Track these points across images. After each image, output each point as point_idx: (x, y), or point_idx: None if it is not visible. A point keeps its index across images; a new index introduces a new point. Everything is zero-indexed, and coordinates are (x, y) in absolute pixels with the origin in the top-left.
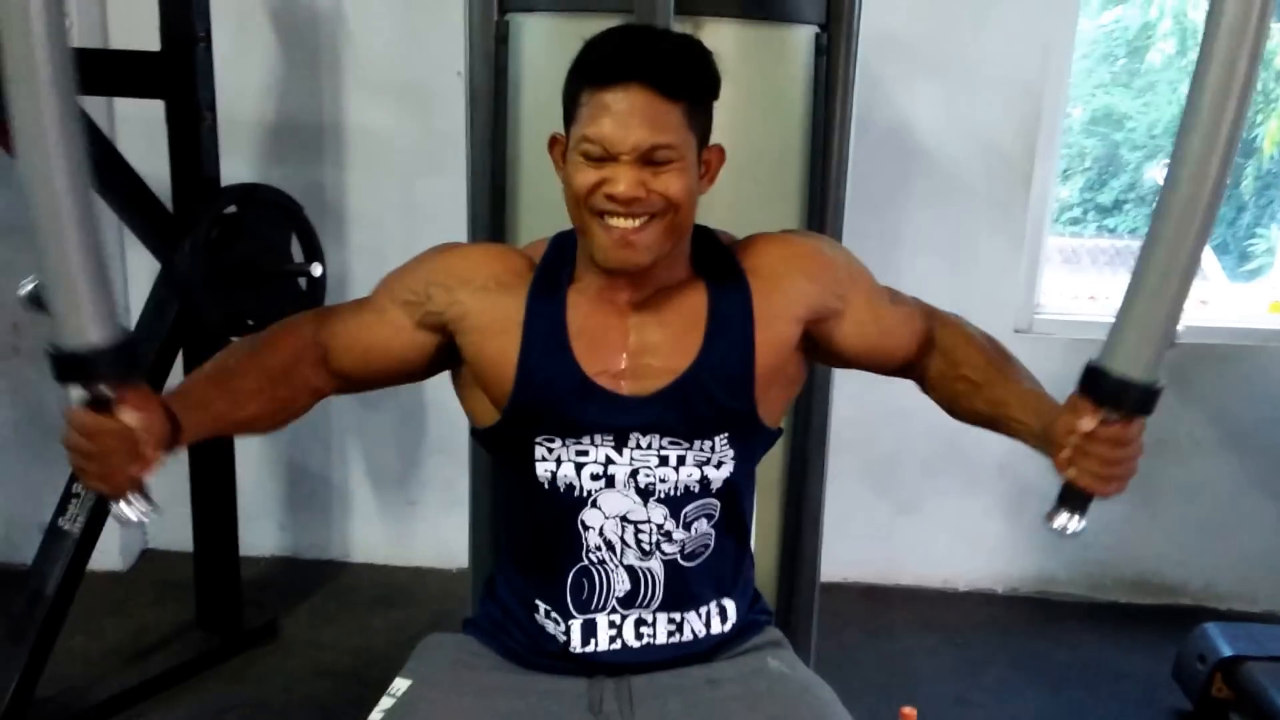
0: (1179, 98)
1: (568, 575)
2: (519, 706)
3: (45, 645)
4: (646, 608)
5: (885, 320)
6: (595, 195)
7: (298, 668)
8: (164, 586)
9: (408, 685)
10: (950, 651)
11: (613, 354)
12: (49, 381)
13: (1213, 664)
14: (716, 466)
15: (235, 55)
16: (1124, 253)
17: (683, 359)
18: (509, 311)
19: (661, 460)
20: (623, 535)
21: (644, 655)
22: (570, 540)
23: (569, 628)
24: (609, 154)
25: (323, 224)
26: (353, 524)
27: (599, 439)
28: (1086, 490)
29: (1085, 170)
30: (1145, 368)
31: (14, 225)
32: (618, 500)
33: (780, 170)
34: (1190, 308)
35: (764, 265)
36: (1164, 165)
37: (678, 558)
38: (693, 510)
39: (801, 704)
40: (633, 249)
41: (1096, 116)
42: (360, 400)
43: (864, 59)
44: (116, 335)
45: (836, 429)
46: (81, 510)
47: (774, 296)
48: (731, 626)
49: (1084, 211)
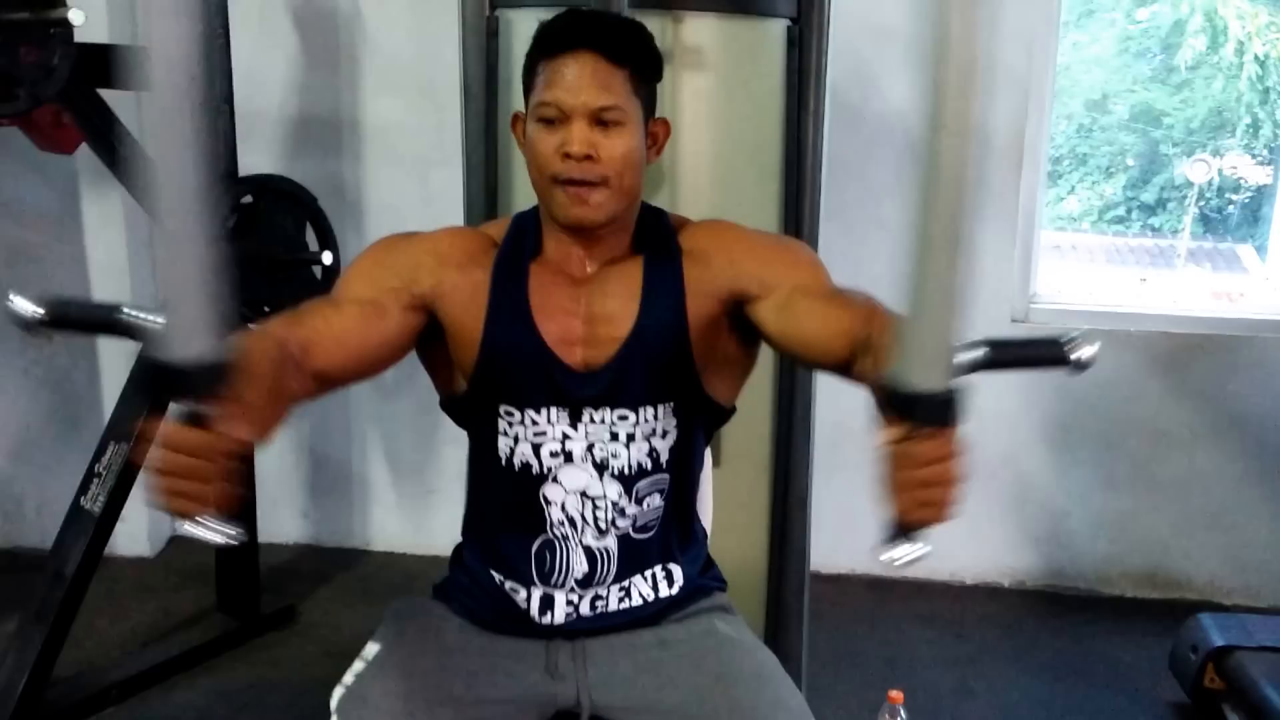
0: (1213, 94)
1: (532, 546)
2: (481, 666)
3: (64, 623)
4: (601, 584)
5: (807, 314)
6: (554, 161)
7: (314, 651)
8: (188, 572)
9: (378, 649)
10: (952, 643)
11: (569, 322)
12: (80, 368)
13: (1205, 654)
14: (662, 436)
15: (257, 53)
16: (1168, 252)
17: (624, 326)
18: (478, 284)
19: (613, 436)
20: (582, 511)
21: (597, 622)
22: (534, 514)
23: (529, 594)
24: (563, 113)
25: (340, 215)
26: (373, 512)
27: (555, 415)
28: (909, 520)
29: (1127, 169)
30: (934, 376)
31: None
32: (577, 475)
33: (758, 161)
34: (1224, 298)
35: (696, 246)
36: (1195, 161)
37: (630, 531)
38: (645, 486)
39: (745, 665)
40: (587, 206)
41: (1136, 113)
42: (380, 391)
43: (856, 51)
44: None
45: (842, 419)
46: (103, 490)
47: (702, 273)
48: (679, 589)
49: (1128, 210)
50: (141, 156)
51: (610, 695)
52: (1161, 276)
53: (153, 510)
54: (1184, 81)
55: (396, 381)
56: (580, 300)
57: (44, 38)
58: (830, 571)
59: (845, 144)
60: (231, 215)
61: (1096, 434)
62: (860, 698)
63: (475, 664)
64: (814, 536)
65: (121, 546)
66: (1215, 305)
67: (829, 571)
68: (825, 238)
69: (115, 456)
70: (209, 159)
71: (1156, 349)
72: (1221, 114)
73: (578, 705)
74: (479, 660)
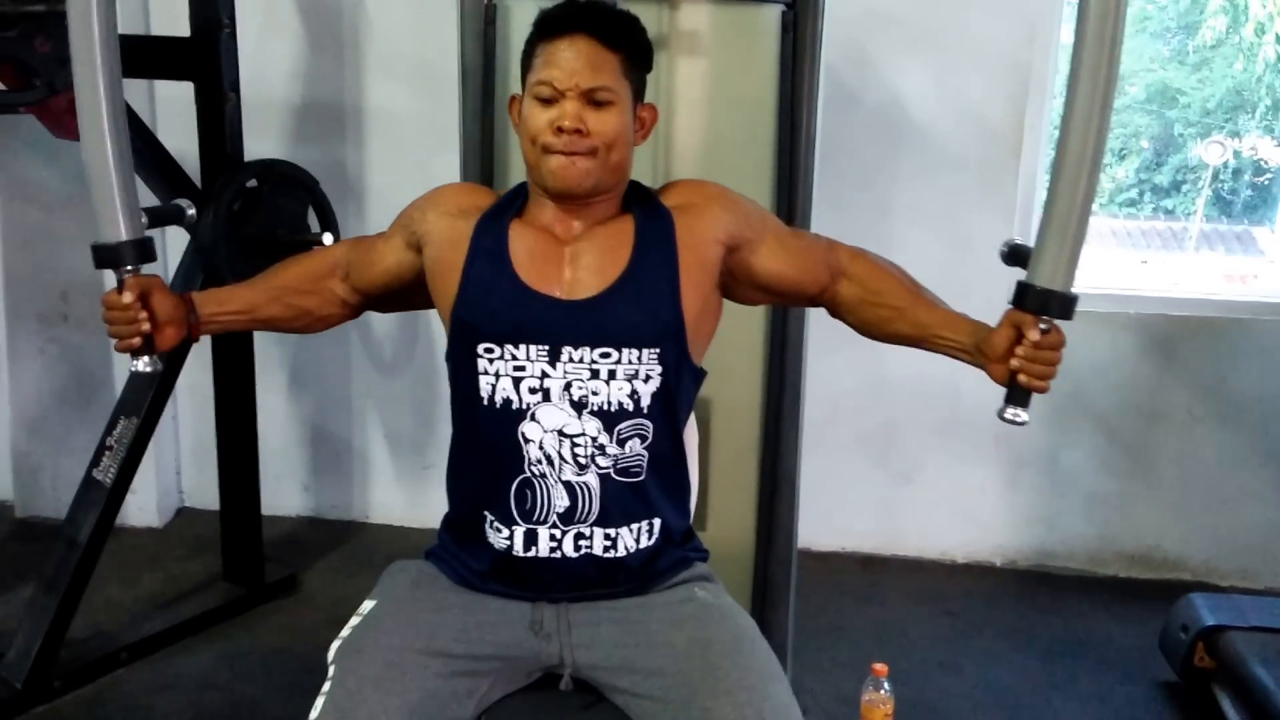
0: (1233, 74)
1: (511, 486)
2: (469, 622)
3: (77, 589)
4: (584, 522)
5: (796, 248)
6: (546, 132)
7: (314, 617)
8: (196, 542)
9: (373, 605)
10: (941, 620)
11: (550, 270)
12: (94, 346)
13: (1195, 633)
14: (645, 380)
15: (262, 41)
16: (1180, 235)
17: (613, 271)
18: (462, 232)
19: (593, 374)
20: (560, 450)
21: (582, 566)
22: (512, 453)
23: (512, 534)
24: (557, 92)
25: (343, 199)
26: (372, 487)
27: (534, 352)
28: (1032, 389)
29: (1140, 151)
30: (1064, 280)
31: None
32: (554, 414)
33: (751, 145)
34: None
35: (684, 201)
36: (1210, 142)
37: (611, 472)
38: (626, 428)
39: (722, 628)
40: (574, 170)
41: (1151, 94)
42: (379, 368)
43: (853, 36)
44: (135, 235)
45: (835, 399)
46: (114, 463)
47: (695, 223)
48: (659, 540)
49: (1140, 193)
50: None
51: (592, 656)
52: (1170, 259)
53: (161, 484)
54: (1203, 61)
55: (395, 361)
56: (564, 253)
57: (58, 29)
58: (821, 549)
59: (839, 126)
60: (237, 199)
61: (1093, 416)
62: (847, 670)
63: (464, 621)
64: (806, 515)
65: (132, 518)
66: (1217, 288)
67: (820, 549)
68: (818, 220)
69: (126, 431)
70: (121, 101)
71: (1155, 331)
72: (1241, 94)
73: (561, 664)
74: (468, 618)
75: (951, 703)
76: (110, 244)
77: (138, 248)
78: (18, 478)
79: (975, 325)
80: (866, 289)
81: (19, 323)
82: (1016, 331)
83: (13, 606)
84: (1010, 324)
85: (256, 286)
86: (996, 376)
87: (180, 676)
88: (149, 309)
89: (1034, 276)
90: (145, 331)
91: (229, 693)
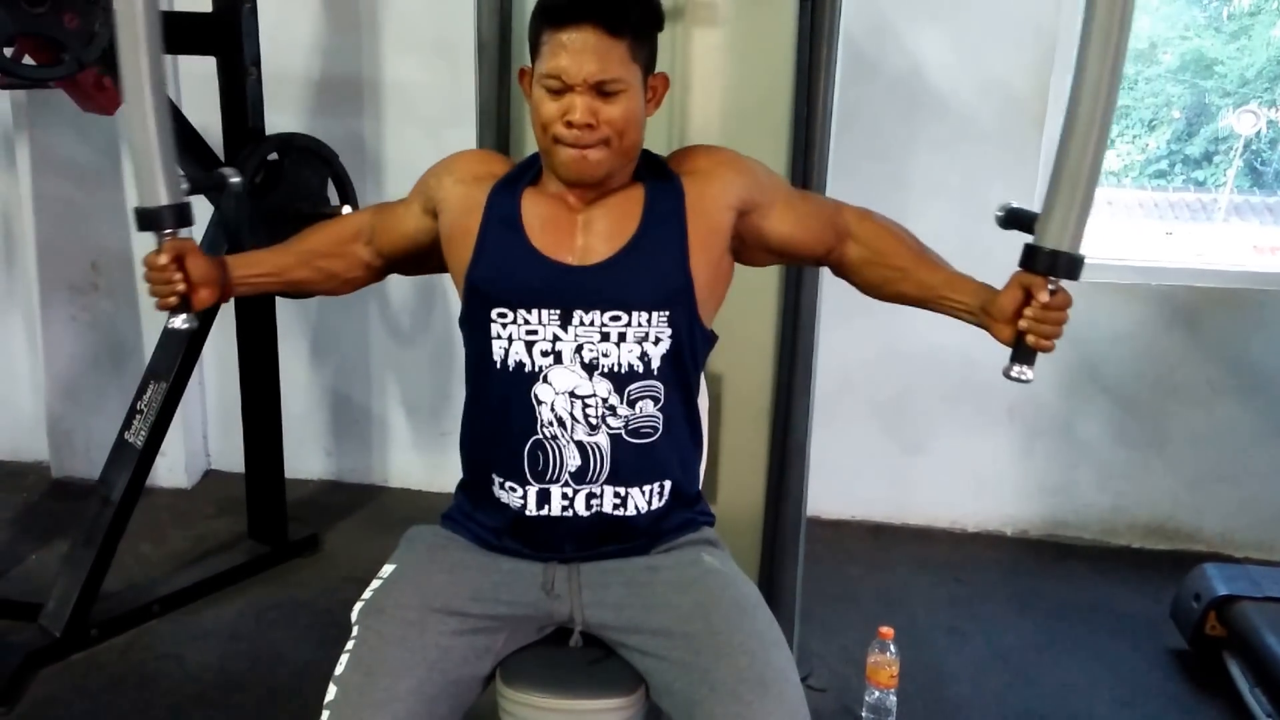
0: (1274, 41)
1: (524, 447)
2: (484, 582)
3: (111, 545)
4: (595, 482)
5: (805, 211)
6: (557, 124)
7: (335, 575)
8: (223, 502)
9: (393, 568)
10: (950, 587)
11: (562, 237)
12: (124, 314)
13: (1207, 602)
14: (655, 343)
15: (283, 16)
16: (1210, 206)
17: (624, 236)
18: (477, 199)
19: (604, 336)
20: (571, 410)
21: (593, 525)
22: (526, 414)
23: (525, 493)
24: (566, 85)
25: (361, 171)
26: (391, 452)
27: (546, 316)
28: (1039, 349)
29: (1172, 121)
30: (1071, 241)
31: (98, 171)
32: (565, 375)
33: (768, 115)
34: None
35: (695, 168)
36: (1243, 112)
37: (623, 433)
38: (637, 389)
39: (726, 594)
40: (587, 163)
41: (1185, 62)
42: (398, 339)
43: (873, 2)
44: (175, 200)
45: (847, 370)
46: (144, 425)
47: (706, 189)
48: (669, 500)
49: (1171, 164)
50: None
51: (601, 614)
52: (1198, 231)
53: (190, 447)
54: (1241, 29)
55: (414, 330)
56: (577, 220)
57: (87, 5)
58: (832, 517)
59: (858, 96)
60: (259, 171)
61: (1110, 386)
62: (855, 634)
63: (480, 581)
64: (816, 483)
65: (162, 479)
66: (1245, 259)
67: (830, 517)
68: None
69: (155, 395)
70: (162, 74)
71: (1178, 303)
72: None
73: (571, 622)
74: (483, 578)
75: (958, 666)
76: (151, 208)
77: (176, 212)
78: (53, 440)
79: (980, 286)
80: (872, 250)
81: (51, 292)
82: (1025, 293)
83: (50, 561)
84: (1019, 285)
85: (285, 251)
86: (1002, 337)
87: (209, 628)
88: (184, 271)
89: (1042, 238)
90: (181, 291)
91: (254, 643)
